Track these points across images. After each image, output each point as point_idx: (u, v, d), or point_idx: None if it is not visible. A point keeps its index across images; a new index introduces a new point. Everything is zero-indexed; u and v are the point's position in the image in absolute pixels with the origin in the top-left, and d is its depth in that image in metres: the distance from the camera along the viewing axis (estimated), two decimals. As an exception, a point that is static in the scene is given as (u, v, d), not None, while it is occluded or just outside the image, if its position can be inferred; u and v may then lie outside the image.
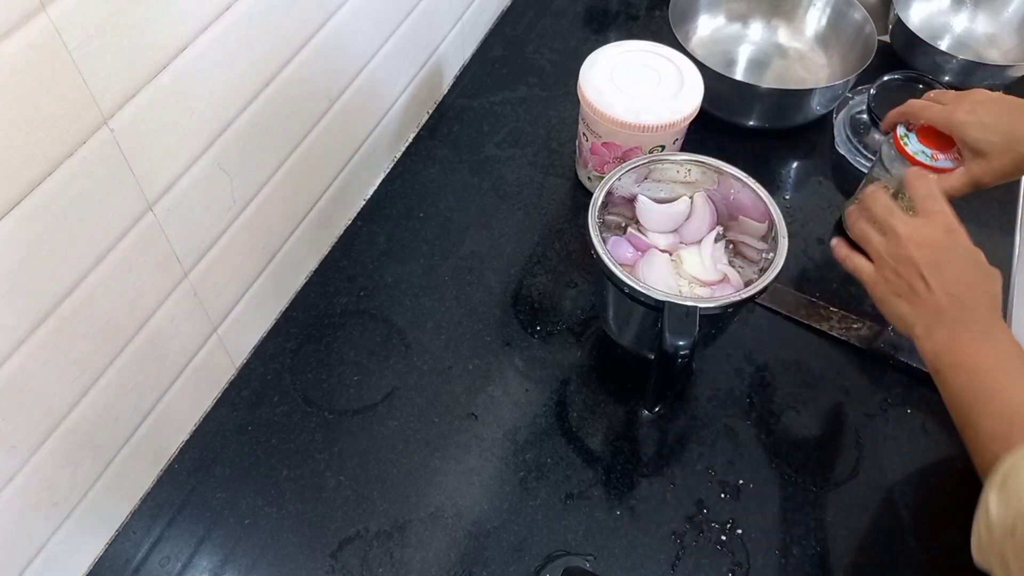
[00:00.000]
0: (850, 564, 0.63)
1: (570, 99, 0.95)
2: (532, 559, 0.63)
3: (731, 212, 0.71)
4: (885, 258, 0.61)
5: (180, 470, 0.68)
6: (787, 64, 0.98)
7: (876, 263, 0.62)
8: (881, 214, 0.62)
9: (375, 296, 0.78)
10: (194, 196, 0.59)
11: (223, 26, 0.55)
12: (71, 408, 0.55)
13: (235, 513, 0.65)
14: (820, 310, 0.78)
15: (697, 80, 0.79)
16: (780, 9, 0.99)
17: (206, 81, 0.56)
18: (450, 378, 0.73)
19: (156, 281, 0.59)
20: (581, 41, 1.04)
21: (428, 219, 0.85)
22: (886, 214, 0.62)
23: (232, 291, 0.69)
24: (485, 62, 1.01)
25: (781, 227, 0.65)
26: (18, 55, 0.42)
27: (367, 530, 0.64)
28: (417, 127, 0.94)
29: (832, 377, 0.74)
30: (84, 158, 0.48)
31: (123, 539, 0.64)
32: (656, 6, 1.09)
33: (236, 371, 0.73)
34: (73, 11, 0.44)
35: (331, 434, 0.69)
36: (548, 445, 0.69)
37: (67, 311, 0.51)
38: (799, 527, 0.65)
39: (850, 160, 0.91)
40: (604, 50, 0.81)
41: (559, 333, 0.76)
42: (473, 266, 0.81)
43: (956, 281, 0.58)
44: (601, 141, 0.79)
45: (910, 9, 1.03)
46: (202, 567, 0.63)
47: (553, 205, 0.86)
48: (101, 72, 0.47)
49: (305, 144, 0.71)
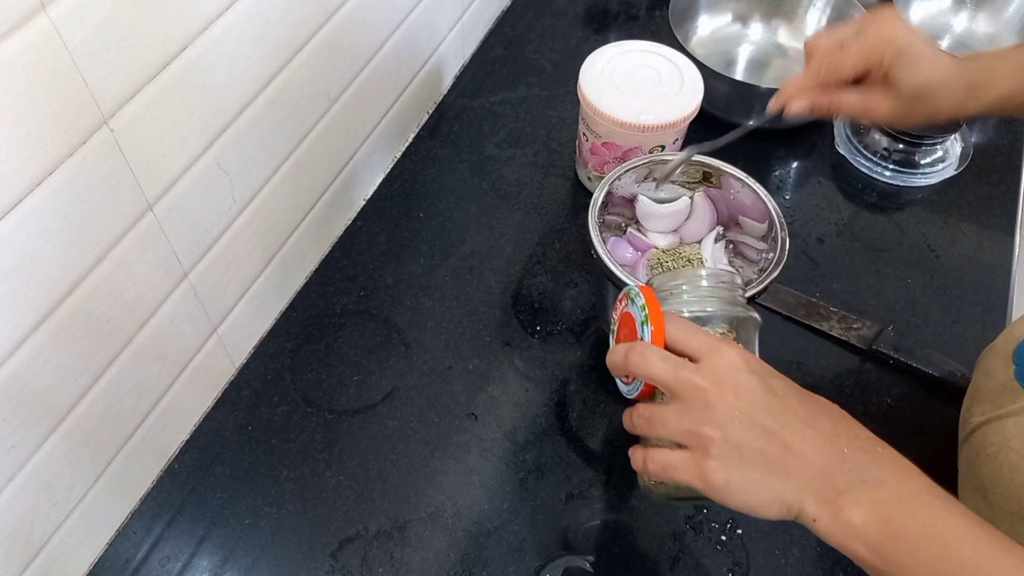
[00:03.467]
0: (850, 564, 0.63)
1: (570, 99, 0.95)
2: (532, 559, 0.63)
3: (731, 212, 0.71)
4: (701, 432, 0.44)
5: (180, 470, 0.68)
6: (787, 64, 0.98)
7: (691, 445, 0.45)
8: (662, 371, 0.46)
9: (375, 296, 0.78)
10: (194, 196, 0.59)
11: (223, 26, 0.55)
12: (71, 408, 0.55)
13: (235, 513, 0.65)
14: (820, 310, 0.78)
15: (697, 80, 0.79)
16: (780, 9, 0.99)
17: (206, 81, 0.56)
18: (450, 378, 0.73)
19: (156, 281, 0.59)
20: (581, 41, 1.04)
21: (428, 219, 0.85)
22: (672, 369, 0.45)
23: (232, 291, 0.69)
24: (485, 62, 1.01)
25: (781, 227, 0.65)
26: (18, 55, 0.42)
27: (367, 530, 0.64)
28: (417, 127, 0.94)
29: (832, 377, 0.74)
30: (84, 158, 0.48)
31: (123, 539, 0.64)
32: (656, 6, 1.09)
33: (236, 371, 0.73)
34: (73, 11, 0.44)
35: (331, 434, 0.69)
36: (548, 445, 0.69)
37: (67, 311, 0.51)
38: (799, 528, 0.64)
39: (850, 160, 0.91)
40: (604, 50, 0.81)
41: (559, 333, 0.76)
42: (473, 266, 0.81)
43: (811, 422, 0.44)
44: (601, 141, 0.79)
45: (910, 9, 1.03)
46: (202, 567, 0.63)
47: (553, 205, 0.86)
48: (101, 72, 0.47)
49: (305, 144, 0.71)
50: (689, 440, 0.45)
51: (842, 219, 0.86)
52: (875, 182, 0.90)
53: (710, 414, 0.44)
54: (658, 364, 0.46)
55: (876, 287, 0.80)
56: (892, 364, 0.74)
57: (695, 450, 0.44)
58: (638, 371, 0.47)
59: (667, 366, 0.46)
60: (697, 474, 0.44)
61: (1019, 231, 0.86)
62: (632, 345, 0.48)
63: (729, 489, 0.43)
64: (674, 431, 0.46)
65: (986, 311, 0.78)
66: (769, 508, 0.44)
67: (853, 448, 0.44)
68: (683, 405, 0.45)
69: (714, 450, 0.43)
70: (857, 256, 0.83)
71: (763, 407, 0.44)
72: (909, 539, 0.41)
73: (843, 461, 0.43)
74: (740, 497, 0.44)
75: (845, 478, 0.43)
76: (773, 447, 0.43)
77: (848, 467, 0.43)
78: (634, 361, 0.47)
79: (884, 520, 0.42)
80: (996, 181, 0.90)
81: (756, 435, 0.43)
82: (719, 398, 0.44)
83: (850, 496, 0.42)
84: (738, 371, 0.45)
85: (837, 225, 0.86)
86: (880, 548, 0.42)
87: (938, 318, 0.78)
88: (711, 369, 0.45)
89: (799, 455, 0.43)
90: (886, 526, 0.42)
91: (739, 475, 0.43)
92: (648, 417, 0.48)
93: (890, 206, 0.88)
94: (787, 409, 0.45)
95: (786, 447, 0.43)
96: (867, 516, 0.42)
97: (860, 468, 0.43)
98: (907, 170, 0.89)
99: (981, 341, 0.69)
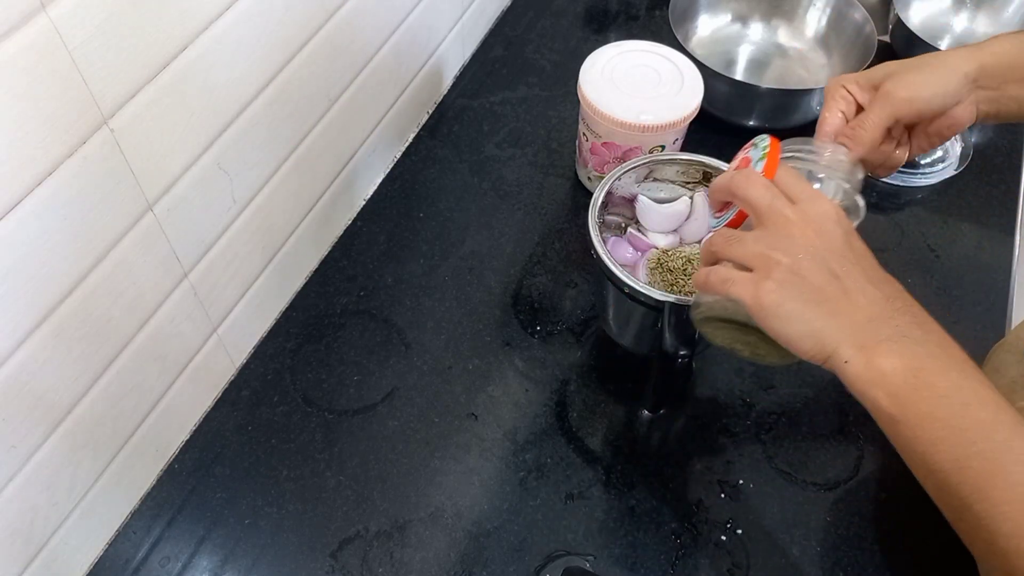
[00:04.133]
0: (850, 564, 0.63)
1: (570, 99, 0.95)
2: (532, 559, 0.63)
3: (731, 212, 0.71)
4: (772, 255, 0.45)
5: (180, 470, 0.68)
6: (787, 64, 0.98)
7: (758, 267, 0.46)
8: (759, 196, 0.47)
9: (375, 296, 0.78)
10: (194, 196, 0.59)
11: (223, 26, 0.55)
12: (71, 408, 0.55)
13: (235, 513, 0.65)
14: (820, 310, 0.78)
15: (697, 80, 0.79)
16: (780, 9, 0.99)
17: (206, 81, 0.56)
18: (450, 378, 0.73)
19: (156, 281, 0.59)
20: (581, 41, 1.04)
21: (428, 219, 0.85)
22: (768, 196, 0.47)
23: (232, 291, 0.69)
24: (485, 62, 1.01)
25: (781, 227, 0.65)
26: (18, 55, 0.42)
27: (367, 530, 0.64)
28: (417, 127, 0.94)
29: (832, 377, 0.74)
30: (84, 158, 0.48)
31: (123, 539, 0.64)
32: (656, 6, 1.09)
33: (236, 371, 0.73)
34: (73, 11, 0.44)
35: (331, 434, 0.69)
36: (548, 445, 0.69)
37: (67, 311, 0.51)
38: (799, 527, 0.65)
39: (850, 160, 0.91)
40: (604, 50, 0.81)
41: (559, 333, 0.76)
42: (473, 266, 0.81)
43: (875, 281, 0.46)
44: (601, 141, 0.79)
45: (910, 9, 1.03)
46: (202, 567, 0.63)
47: (553, 205, 0.86)
48: (101, 72, 0.47)
49: (305, 144, 0.71)
50: (758, 262, 0.46)
51: (842, 219, 0.86)
52: (875, 182, 0.89)
53: (786, 243, 0.46)
54: (759, 188, 0.48)
55: (876, 287, 0.80)
56: (892, 364, 0.74)
57: (760, 271, 0.46)
58: (739, 190, 0.49)
59: (766, 192, 0.48)
60: (753, 292, 0.45)
61: (1019, 231, 0.86)
62: (741, 170, 0.50)
63: (778, 313, 0.45)
64: (748, 252, 0.47)
65: (986, 311, 0.78)
66: (804, 341, 0.45)
67: (906, 312, 0.45)
68: (766, 232, 0.47)
69: (777, 273, 0.45)
70: (857, 256, 0.83)
71: (837, 253, 0.46)
72: (934, 392, 0.43)
73: (892, 318, 0.44)
74: (781, 324, 0.45)
75: (888, 331, 0.44)
76: (832, 288, 0.45)
77: (895, 323, 0.44)
78: (738, 181, 0.49)
79: (914, 371, 0.43)
80: (996, 181, 0.90)
81: (821, 273, 0.45)
82: (801, 232, 0.46)
83: (888, 345, 0.44)
84: (827, 219, 0.47)
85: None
86: (903, 397, 0.43)
87: (938, 318, 0.77)
88: (803, 210, 0.47)
89: (853, 302, 0.45)
90: (915, 377, 0.43)
91: (791, 303, 0.44)
92: (728, 236, 0.49)
93: (890, 206, 0.88)
94: (858, 264, 0.46)
95: (844, 291, 0.45)
96: (899, 365, 0.43)
97: (907, 328, 0.44)
98: (907, 170, 0.89)
99: (981, 341, 0.69)
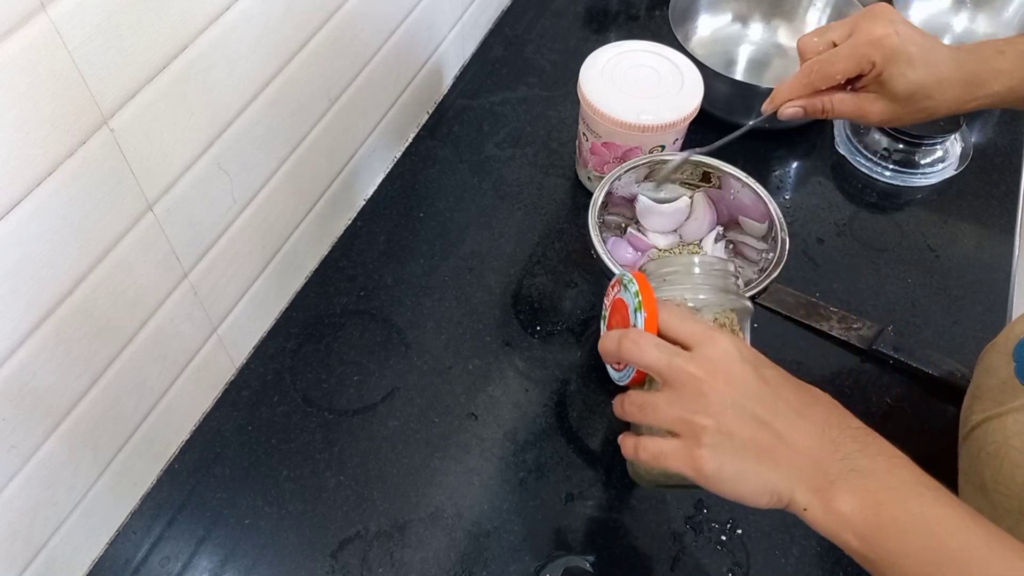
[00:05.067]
0: (850, 564, 0.63)
1: (570, 99, 0.95)
2: (532, 559, 0.63)
3: (731, 212, 0.71)
4: (693, 420, 0.44)
5: (180, 470, 0.68)
6: (787, 64, 0.98)
7: (684, 434, 0.44)
8: (656, 359, 0.45)
9: (375, 296, 0.78)
10: (194, 196, 0.59)
11: (223, 26, 0.55)
12: (71, 408, 0.55)
13: (235, 513, 0.65)
14: (820, 310, 0.78)
15: (697, 80, 0.79)
16: (780, 9, 0.99)
17: (206, 81, 0.56)
18: (450, 378, 0.73)
19: (156, 281, 0.59)
20: (581, 41, 1.04)
21: (428, 219, 0.85)
22: (665, 356, 0.45)
23: (232, 291, 0.69)
24: (485, 62, 1.01)
25: (781, 227, 0.65)
26: (18, 55, 0.42)
27: (367, 530, 0.64)
28: (417, 127, 0.94)
29: (832, 377, 0.74)
30: (84, 158, 0.48)
31: (123, 539, 0.64)
32: (656, 6, 1.09)
33: (236, 371, 0.73)
34: (73, 11, 0.44)
35: (331, 434, 0.69)
36: (548, 445, 0.69)
37: (67, 311, 0.51)
38: (799, 527, 0.65)
39: (850, 160, 0.91)
40: (604, 50, 0.81)
41: (559, 333, 0.76)
42: (473, 266, 0.81)
43: (802, 411, 0.45)
44: (601, 141, 0.79)
45: (910, 9, 1.03)
46: (202, 567, 0.63)
47: (553, 205, 0.86)
48: (101, 72, 0.47)
49: (305, 144, 0.71)
50: (681, 428, 0.45)
51: (842, 219, 0.86)
52: (875, 182, 0.90)
53: (703, 403, 0.44)
54: (651, 352, 0.46)
55: (876, 287, 0.80)
56: (892, 364, 0.74)
57: (687, 438, 0.44)
58: (631, 358, 0.47)
59: (660, 354, 0.46)
60: (689, 463, 0.44)
61: (1019, 231, 0.86)
62: (625, 332, 0.47)
63: (721, 477, 0.43)
64: (666, 419, 0.45)
65: (986, 311, 0.78)
66: (760, 497, 0.44)
67: (844, 438, 0.44)
68: (676, 393, 0.45)
69: (706, 439, 0.43)
70: (857, 256, 0.83)
71: (756, 396, 0.44)
72: (898, 528, 0.41)
73: (834, 451, 0.43)
74: (731, 486, 0.43)
75: (836, 468, 0.43)
76: (765, 436, 0.43)
77: (839, 457, 0.43)
78: (627, 348, 0.47)
79: (873, 509, 0.41)
80: (996, 181, 0.90)
81: (748, 424, 0.43)
82: (712, 387, 0.44)
83: (840, 486, 0.42)
84: (732, 360, 0.45)
85: (837, 225, 0.86)
86: (869, 537, 0.42)
87: (938, 318, 0.78)
88: (704, 358, 0.45)
89: (791, 445, 0.43)
90: (875, 516, 0.41)
91: (731, 464, 0.43)
92: (640, 404, 0.47)
93: (890, 206, 0.88)
94: (779, 398, 0.45)
95: (778, 436, 0.43)
96: (856, 506, 0.42)
97: (851, 458, 0.43)
98: (907, 170, 0.89)
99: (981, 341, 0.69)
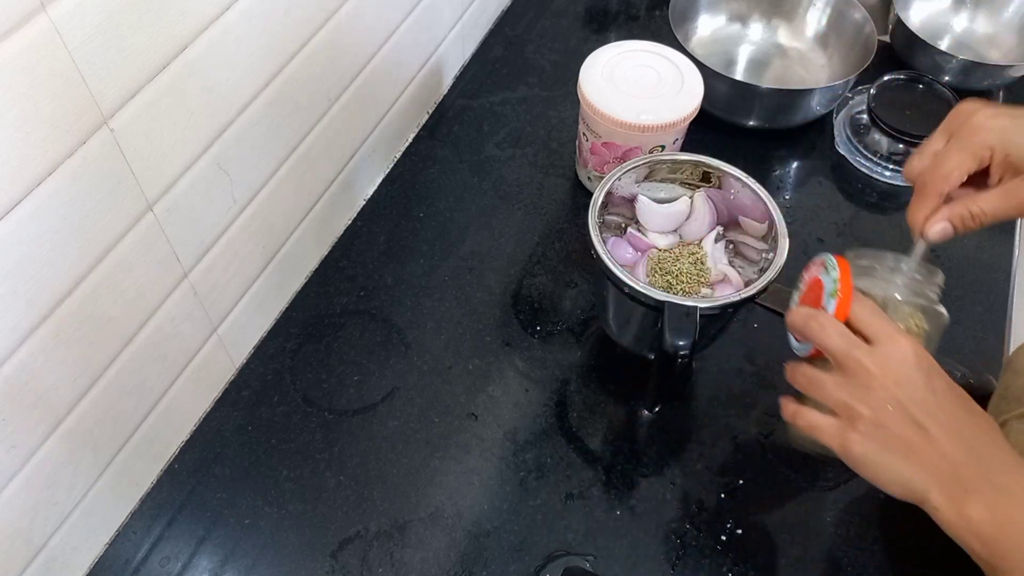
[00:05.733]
0: (850, 564, 0.63)
1: (570, 99, 0.95)
2: (532, 559, 0.63)
3: (731, 212, 0.71)
4: (854, 407, 0.47)
5: (180, 470, 0.68)
6: (787, 64, 0.98)
7: (842, 415, 0.48)
8: (836, 345, 0.48)
9: (375, 296, 0.78)
10: (194, 196, 0.59)
11: (223, 26, 0.55)
12: (71, 408, 0.55)
13: (235, 513, 0.65)
14: (820, 310, 0.77)
15: (697, 80, 0.79)
16: (780, 9, 0.99)
17: (206, 81, 0.56)
18: (450, 378, 0.73)
19: (156, 281, 0.59)
20: (581, 41, 1.04)
21: (428, 219, 0.85)
22: (845, 346, 0.48)
23: (232, 291, 0.69)
24: (485, 62, 1.01)
25: (781, 227, 0.65)
26: (18, 55, 0.42)
27: (367, 530, 0.64)
28: (417, 127, 0.94)
29: (832, 377, 0.74)
30: (84, 158, 0.48)
31: (123, 539, 0.64)
32: (656, 6, 1.09)
33: (236, 371, 0.73)
34: (73, 11, 0.44)
35: (331, 434, 0.69)
36: (548, 445, 0.69)
37: (67, 311, 0.51)
38: (799, 527, 0.65)
39: (850, 160, 0.91)
40: (604, 50, 0.81)
41: (559, 333, 0.76)
42: (473, 266, 0.81)
43: (959, 425, 0.47)
44: (601, 141, 0.79)
45: (910, 9, 1.03)
46: (202, 567, 0.63)
47: (553, 205, 0.86)
48: (101, 72, 0.47)
49: (305, 144, 0.71)
50: (841, 410, 0.48)
51: (842, 219, 0.86)
52: (875, 182, 0.90)
53: (867, 394, 0.47)
54: (835, 339, 0.49)
55: (876, 287, 0.80)
56: (892, 364, 0.74)
57: (844, 420, 0.48)
58: (815, 339, 0.50)
59: (842, 342, 0.48)
60: (839, 442, 0.48)
61: (1019, 231, 0.86)
62: (815, 314, 0.51)
63: (865, 463, 0.47)
64: (830, 398, 0.49)
65: (986, 311, 0.78)
66: (894, 488, 0.47)
67: (992, 458, 0.46)
68: (845, 379, 0.48)
69: (861, 426, 0.47)
70: (857, 256, 0.83)
71: (918, 401, 0.46)
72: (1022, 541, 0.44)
73: (978, 465, 0.46)
74: (872, 471, 0.47)
75: (976, 481, 0.45)
76: (915, 437, 0.46)
77: (980, 472, 0.46)
78: (814, 329, 0.50)
79: (1001, 521, 0.44)
80: (996, 181, 0.90)
81: (905, 425, 0.46)
82: (881, 383, 0.47)
83: (975, 495, 0.45)
84: (906, 364, 0.47)
85: (837, 225, 0.86)
86: (995, 546, 0.44)
87: (938, 318, 0.78)
88: (882, 356, 0.47)
89: (939, 451, 0.46)
90: (1002, 527, 0.44)
91: (876, 454, 0.47)
92: (810, 378, 0.51)
93: (890, 206, 0.88)
94: (941, 409, 0.47)
95: (928, 440, 0.46)
96: (986, 515, 0.44)
97: (992, 475, 0.46)
98: (907, 170, 0.89)
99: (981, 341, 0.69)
